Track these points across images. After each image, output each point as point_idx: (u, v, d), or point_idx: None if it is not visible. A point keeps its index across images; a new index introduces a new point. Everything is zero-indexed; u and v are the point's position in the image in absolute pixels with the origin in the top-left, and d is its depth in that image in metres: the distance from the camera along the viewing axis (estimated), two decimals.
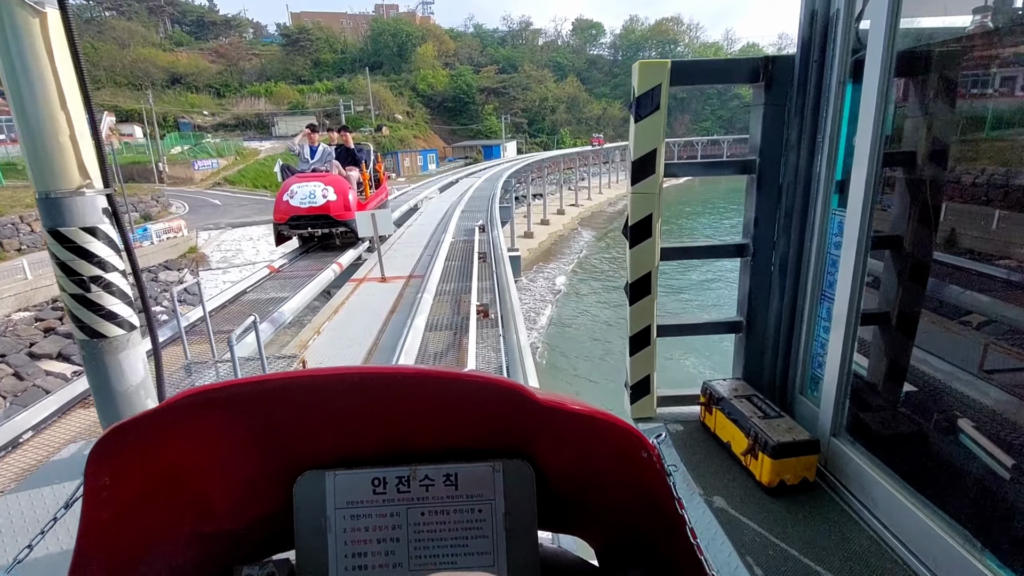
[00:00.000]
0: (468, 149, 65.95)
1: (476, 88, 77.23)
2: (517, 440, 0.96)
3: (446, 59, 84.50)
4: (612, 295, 21.41)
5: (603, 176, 57.81)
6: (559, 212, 41.11)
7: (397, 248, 10.57)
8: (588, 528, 1.10)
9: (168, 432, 0.80)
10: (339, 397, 0.86)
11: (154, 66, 66.95)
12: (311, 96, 67.34)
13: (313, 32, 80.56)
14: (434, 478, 0.96)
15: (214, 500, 0.91)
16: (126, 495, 0.80)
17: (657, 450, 0.82)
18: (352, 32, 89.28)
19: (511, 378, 0.86)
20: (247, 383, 0.79)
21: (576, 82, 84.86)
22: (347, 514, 0.95)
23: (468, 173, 34.93)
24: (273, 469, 0.94)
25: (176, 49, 76.23)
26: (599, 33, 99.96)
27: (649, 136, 2.00)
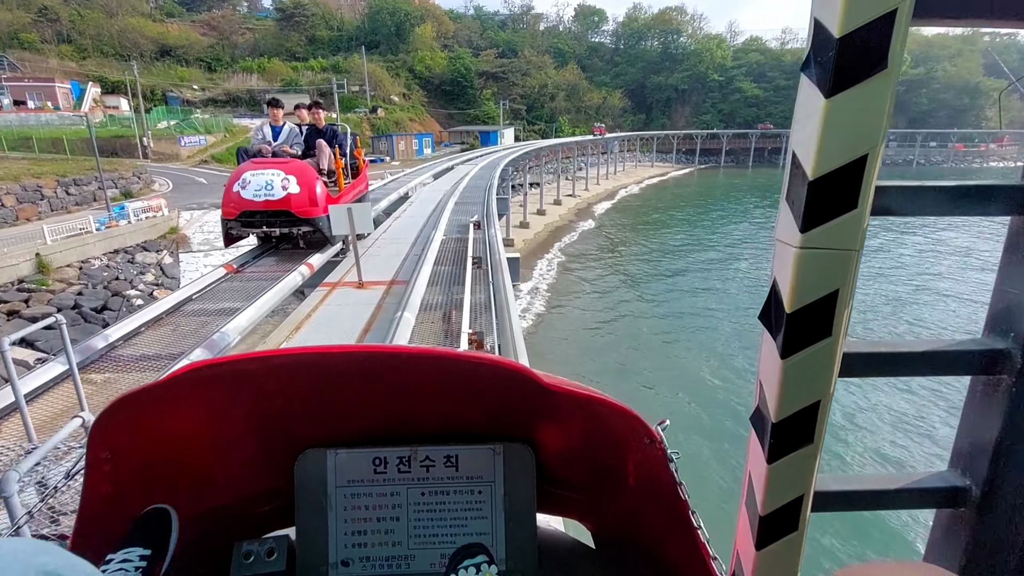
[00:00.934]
0: (465, 134, 64.66)
1: (475, 72, 75.62)
2: (519, 423, 0.97)
3: (445, 41, 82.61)
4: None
5: (600, 167, 57.03)
6: (556, 202, 40.37)
7: (381, 245, 9.33)
8: (586, 511, 1.11)
9: (170, 406, 0.80)
10: (343, 376, 0.86)
11: (143, 36, 64.88)
12: (305, 74, 65.58)
13: (309, 7, 78.24)
14: (435, 459, 0.98)
15: (214, 475, 0.92)
16: (127, 469, 0.81)
17: (659, 436, 0.84)
18: (349, 9, 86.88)
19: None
20: (251, 358, 0.79)
21: (576, 69, 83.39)
22: (348, 492, 0.97)
23: (464, 160, 33.89)
24: (274, 446, 0.95)
25: (167, 20, 73.82)
26: (601, 20, 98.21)
27: (856, 126, 0.85)
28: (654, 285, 21.61)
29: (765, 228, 33.79)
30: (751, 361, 14.04)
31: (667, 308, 18.87)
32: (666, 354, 14.85)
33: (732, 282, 21.95)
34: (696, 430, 10.84)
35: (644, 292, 20.80)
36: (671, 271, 23.84)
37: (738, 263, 25.08)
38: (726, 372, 13.56)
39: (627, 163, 68.79)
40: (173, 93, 57.13)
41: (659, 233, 32.87)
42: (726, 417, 11.37)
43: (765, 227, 34.23)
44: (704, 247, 28.95)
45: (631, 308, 18.76)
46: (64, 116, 37.77)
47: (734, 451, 10.00)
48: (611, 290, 20.82)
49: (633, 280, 22.15)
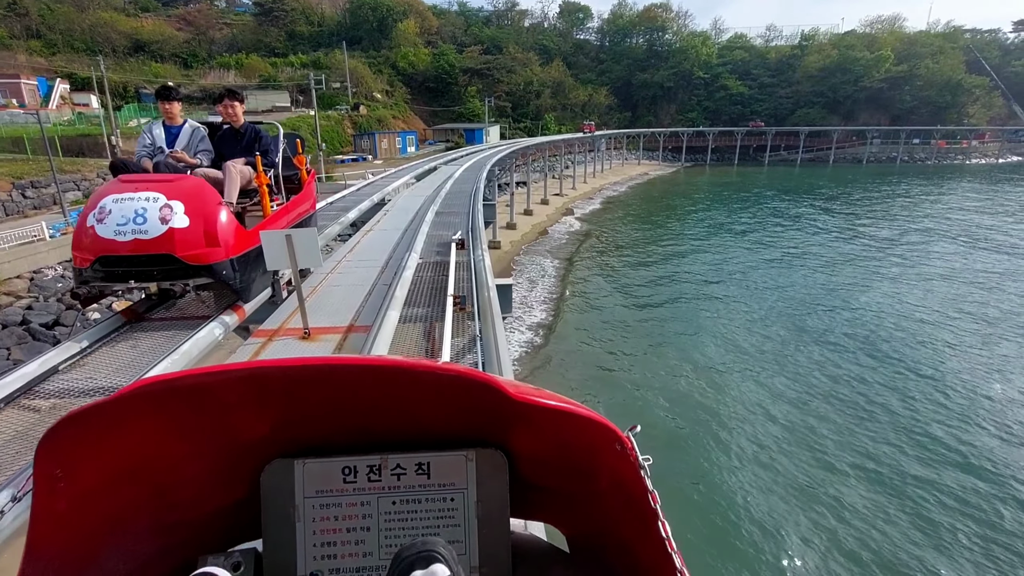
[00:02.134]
0: (450, 132, 63.54)
1: (459, 68, 74.46)
2: (491, 430, 0.97)
3: (428, 37, 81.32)
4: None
5: (587, 165, 56.39)
6: (543, 202, 39.61)
7: (343, 271, 7.42)
8: (560, 516, 1.12)
9: (125, 421, 0.78)
10: (309, 387, 0.85)
11: (115, 31, 62.91)
12: (284, 70, 63.92)
13: (288, 2, 76.43)
14: (406, 467, 0.97)
15: (175, 489, 0.90)
16: (82, 485, 0.78)
17: (631, 443, 0.85)
18: (330, 4, 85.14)
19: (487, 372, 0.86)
20: (211, 372, 0.78)
21: (562, 66, 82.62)
22: (317, 503, 0.96)
23: (448, 159, 32.69)
24: (239, 457, 0.93)
25: (141, 15, 71.64)
26: (586, 17, 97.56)
27: None
28: (650, 296, 20.90)
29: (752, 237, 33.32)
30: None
31: (667, 323, 18.18)
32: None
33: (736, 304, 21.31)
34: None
35: (640, 302, 20.10)
36: (665, 278, 23.18)
37: (727, 275, 24.51)
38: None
39: (614, 161, 68.27)
40: (147, 90, 55.15)
41: (650, 237, 32.22)
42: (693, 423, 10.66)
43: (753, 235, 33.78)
44: (694, 254, 28.42)
45: (628, 321, 18.02)
46: (25, 114, 36.02)
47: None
48: (609, 305, 20.07)
49: (629, 291, 21.41)
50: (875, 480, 9.16)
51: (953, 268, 22.78)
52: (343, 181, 26.91)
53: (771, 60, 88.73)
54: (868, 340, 15.24)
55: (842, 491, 8.84)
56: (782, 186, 54.99)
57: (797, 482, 9.11)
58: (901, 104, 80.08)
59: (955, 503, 8.56)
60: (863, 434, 10.49)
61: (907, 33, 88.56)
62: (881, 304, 18.36)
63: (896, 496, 8.76)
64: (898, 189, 51.59)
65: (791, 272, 22.74)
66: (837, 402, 11.79)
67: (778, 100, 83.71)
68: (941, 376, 12.84)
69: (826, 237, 30.22)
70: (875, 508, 8.48)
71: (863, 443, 10.18)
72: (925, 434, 10.47)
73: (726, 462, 9.67)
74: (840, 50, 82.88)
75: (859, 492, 8.85)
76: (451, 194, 15.85)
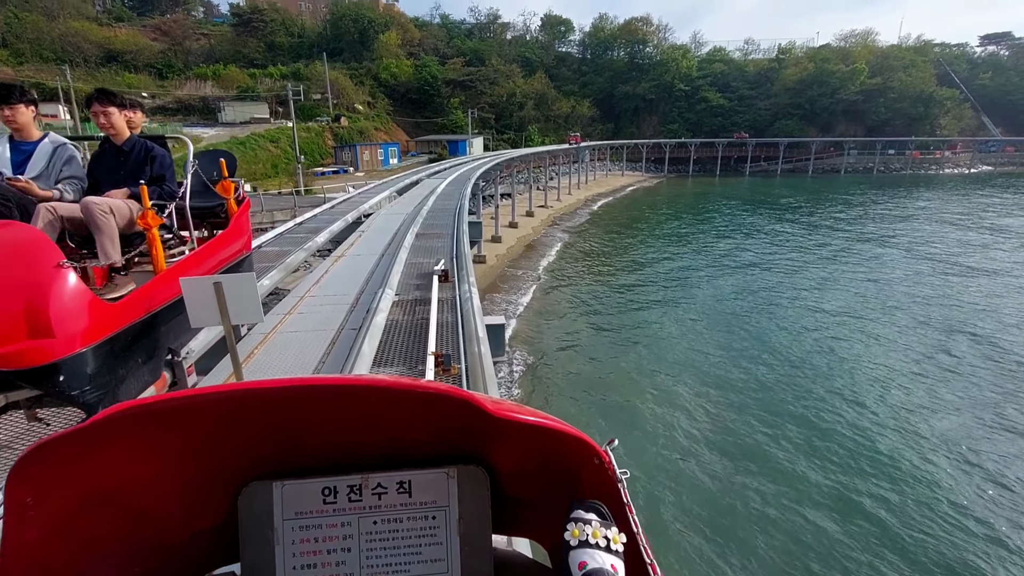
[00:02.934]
0: (433, 143, 62.89)
1: (442, 80, 74.08)
2: (471, 447, 0.97)
3: (410, 49, 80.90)
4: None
5: (572, 176, 56.14)
6: (528, 214, 39.02)
7: (304, 311, 6.13)
8: (543, 531, 1.12)
9: (98, 447, 0.77)
10: (287, 408, 0.85)
11: (87, 41, 61.24)
12: (263, 81, 62.75)
13: (267, 13, 75.50)
14: (387, 486, 0.96)
15: (151, 514, 0.90)
16: (54, 512, 0.78)
17: (609, 457, 0.88)
18: (310, 16, 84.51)
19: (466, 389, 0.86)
20: (186, 396, 0.77)
21: (545, 78, 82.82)
22: (296, 525, 0.94)
23: (432, 172, 31.87)
24: (216, 480, 0.93)
25: (115, 24, 70.01)
26: (568, 30, 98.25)
27: None
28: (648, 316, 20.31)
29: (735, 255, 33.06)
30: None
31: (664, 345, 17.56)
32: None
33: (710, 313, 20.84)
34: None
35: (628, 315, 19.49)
36: (657, 295, 22.64)
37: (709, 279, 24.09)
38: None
39: (598, 172, 68.26)
40: None
41: (637, 248, 31.79)
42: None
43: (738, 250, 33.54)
44: (683, 263, 28.00)
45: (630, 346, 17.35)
46: None
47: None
48: (598, 319, 19.39)
49: (619, 306, 20.78)
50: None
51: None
52: (322, 195, 25.97)
53: (750, 73, 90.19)
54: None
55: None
56: (763, 198, 55.38)
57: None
58: (876, 116, 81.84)
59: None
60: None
61: (879, 47, 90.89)
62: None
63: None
64: (877, 200, 52.25)
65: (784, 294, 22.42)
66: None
67: (757, 112, 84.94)
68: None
69: (816, 255, 30.12)
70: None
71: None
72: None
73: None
74: (816, 63, 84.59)
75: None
76: (434, 212, 14.55)
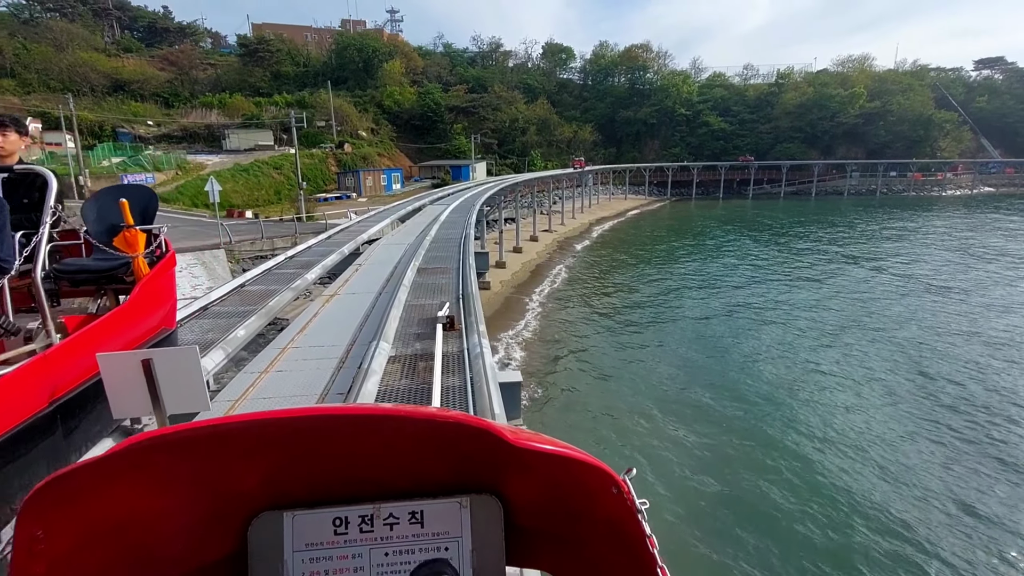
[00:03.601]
0: (436, 169, 63.05)
1: (445, 107, 74.79)
2: (485, 476, 0.96)
3: (414, 76, 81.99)
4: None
5: (575, 200, 56.01)
6: (532, 238, 38.60)
7: (284, 367, 5.39)
8: (557, 563, 1.10)
9: (109, 480, 0.77)
10: (300, 438, 0.84)
11: (94, 71, 62.06)
12: (268, 109, 63.32)
13: (274, 44, 76.77)
14: (399, 516, 0.95)
15: (160, 546, 0.89)
16: (62, 546, 0.77)
17: (627, 487, 0.86)
18: (316, 46, 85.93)
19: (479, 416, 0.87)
20: (201, 426, 0.77)
21: (547, 104, 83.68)
22: (306, 557, 0.92)
23: (435, 198, 31.53)
24: (225, 511, 0.92)
25: (123, 55, 71.21)
26: (569, 57, 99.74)
27: None
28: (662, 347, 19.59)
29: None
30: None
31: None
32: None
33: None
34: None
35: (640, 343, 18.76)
36: (664, 315, 21.95)
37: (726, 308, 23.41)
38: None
39: (601, 196, 68.25)
40: (124, 129, 53.97)
41: (644, 274, 31.19)
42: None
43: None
44: (692, 290, 27.37)
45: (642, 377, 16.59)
46: None
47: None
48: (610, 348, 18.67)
49: (630, 333, 20.07)
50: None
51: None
52: (324, 221, 25.57)
53: (750, 97, 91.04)
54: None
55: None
56: (770, 223, 55.02)
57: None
58: (876, 138, 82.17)
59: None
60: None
61: (877, 72, 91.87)
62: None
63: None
64: (890, 222, 51.84)
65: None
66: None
67: (759, 135, 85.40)
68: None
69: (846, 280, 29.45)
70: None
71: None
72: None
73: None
74: (815, 87, 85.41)
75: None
76: (437, 242, 13.41)
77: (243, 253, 21.31)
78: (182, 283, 17.85)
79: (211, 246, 20.63)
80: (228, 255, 20.53)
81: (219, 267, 19.22)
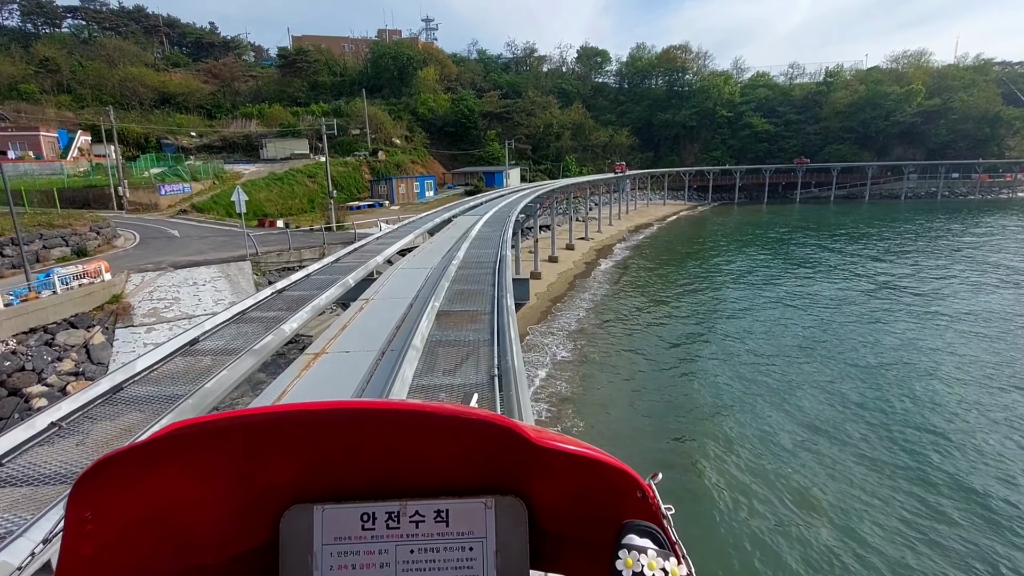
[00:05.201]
0: (469, 176, 62.29)
1: (478, 113, 74.20)
2: (510, 477, 0.97)
3: (448, 83, 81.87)
4: None
5: (612, 205, 54.15)
6: (568, 247, 37.10)
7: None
8: (581, 567, 1.10)
9: (154, 465, 0.81)
10: (331, 431, 0.87)
11: (143, 85, 64.39)
12: (305, 118, 64.09)
13: (312, 54, 78.07)
14: (424, 514, 0.96)
15: (198, 534, 0.92)
16: (109, 529, 0.80)
17: (653, 491, 0.86)
18: (353, 56, 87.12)
19: (506, 415, 0.89)
20: (237, 415, 0.81)
21: (582, 109, 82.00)
22: (334, 550, 0.94)
23: (467, 207, 30.23)
24: (260, 501, 0.95)
25: (172, 70, 73.81)
26: (604, 60, 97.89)
27: None
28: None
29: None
30: None
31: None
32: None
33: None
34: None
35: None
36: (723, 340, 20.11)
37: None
38: None
39: (638, 201, 66.11)
40: (168, 140, 55.50)
41: (691, 288, 29.20)
42: None
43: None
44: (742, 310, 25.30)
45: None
46: (40, 166, 35.43)
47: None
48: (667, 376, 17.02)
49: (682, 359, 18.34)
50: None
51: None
52: (353, 231, 24.80)
53: (796, 97, 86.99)
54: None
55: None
56: (830, 229, 51.66)
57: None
58: (936, 138, 76.86)
59: None
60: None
61: (935, 67, 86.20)
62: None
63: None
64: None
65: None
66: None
67: (806, 137, 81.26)
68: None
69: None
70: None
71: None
72: None
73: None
74: (868, 85, 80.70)
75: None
76: (466, 267, 10.97)
77: (269, 265, 20.66)
78: (204, 297, 17.22)
79: (237, 258, 20.06)
80: (254, 267, 19.89)
81: (243, 280, 18.55)
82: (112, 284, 16.63)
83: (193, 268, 18.93)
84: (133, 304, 16.62)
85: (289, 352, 12.57)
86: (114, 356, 14.32)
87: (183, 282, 17.97)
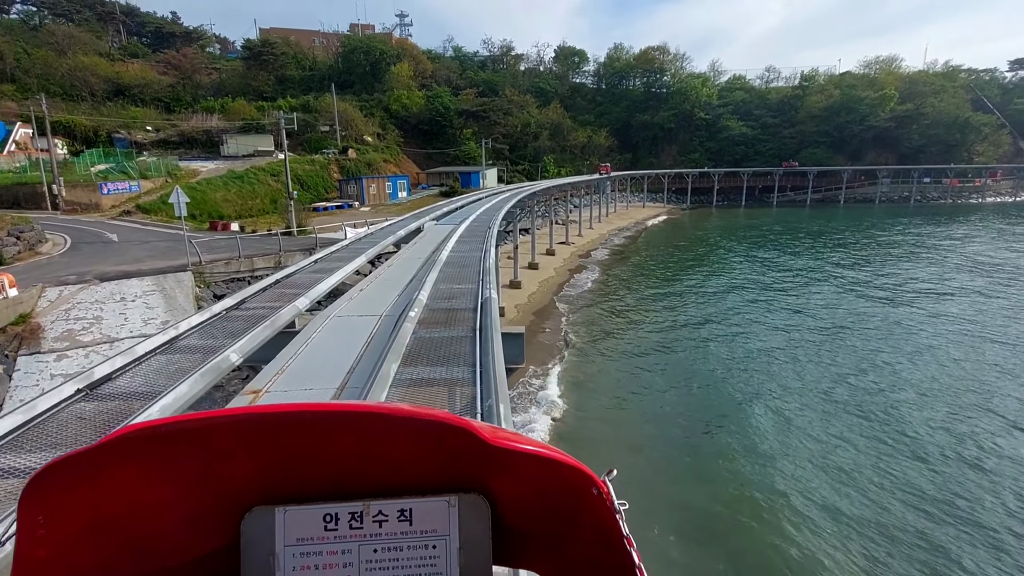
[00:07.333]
0: (444, 176, 60.06)
1: (454, 111, 71.94)
2: (472, 475, 0.98)
3: (423, 80, 79.34)
4: None
5: (592, 208, 52.63)
6: (548, 252, 35.31)
7: None
8: (543, 563, 1.12)
9: (109, 468, 0.80)
10: (290, 434, 0.87)
11: (94, 75, 60.26)
12: (271, 113, 60.80)
13: (279, 47, 74.60)
14: (388, 513, 0.96)
15: (156, 537, 0.92)
16: (63, 533, 0.80)
17: (607, 487, 0.89)
18: (323, 50, 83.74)
19: (466, 416, 0.92)
20: (193, 419, 0.80)
21: (560, 108, 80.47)
22: (297, 551, 0.94)
23: (442, 212, 27.89)
24: (219, 504, 0.94)
25: (129, 60, 69.47)
26: (582, 60, 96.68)
27: None
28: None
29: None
30: None
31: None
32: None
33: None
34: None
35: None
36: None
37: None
38: None
39: (618, 203, 64.90)
40: (121, 134, 51.65)
41: (681, 299, 27.73)
42: None
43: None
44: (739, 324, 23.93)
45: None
46: None
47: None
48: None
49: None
50: None
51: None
52: (315, 236, 22.43)
53: (772, 100, 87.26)
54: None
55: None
56: (817, 232, 51.17)
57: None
58: (909, 143, 77.88)
59: None
60: None
61: (906, 73, 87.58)
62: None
63: None
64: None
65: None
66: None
67: (782, 140, 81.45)
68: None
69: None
70: None
71: None
72: None
73: None
74: (842, 90, 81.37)
75: None
76: (442, 283, 8.47)
77: (215, 276, 18.23)
78: (132, 316, 14.76)
79: (177, 268, 17.57)
80: (197, 278, 17.42)
81: (181, 295, 16.11)
82: (18, 301, 14.09)
83: (123, 280, 16.41)
84: (44, 325, 14.07)
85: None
86: (10, 392, 11.84)
87: (108, 297, 15.46)
